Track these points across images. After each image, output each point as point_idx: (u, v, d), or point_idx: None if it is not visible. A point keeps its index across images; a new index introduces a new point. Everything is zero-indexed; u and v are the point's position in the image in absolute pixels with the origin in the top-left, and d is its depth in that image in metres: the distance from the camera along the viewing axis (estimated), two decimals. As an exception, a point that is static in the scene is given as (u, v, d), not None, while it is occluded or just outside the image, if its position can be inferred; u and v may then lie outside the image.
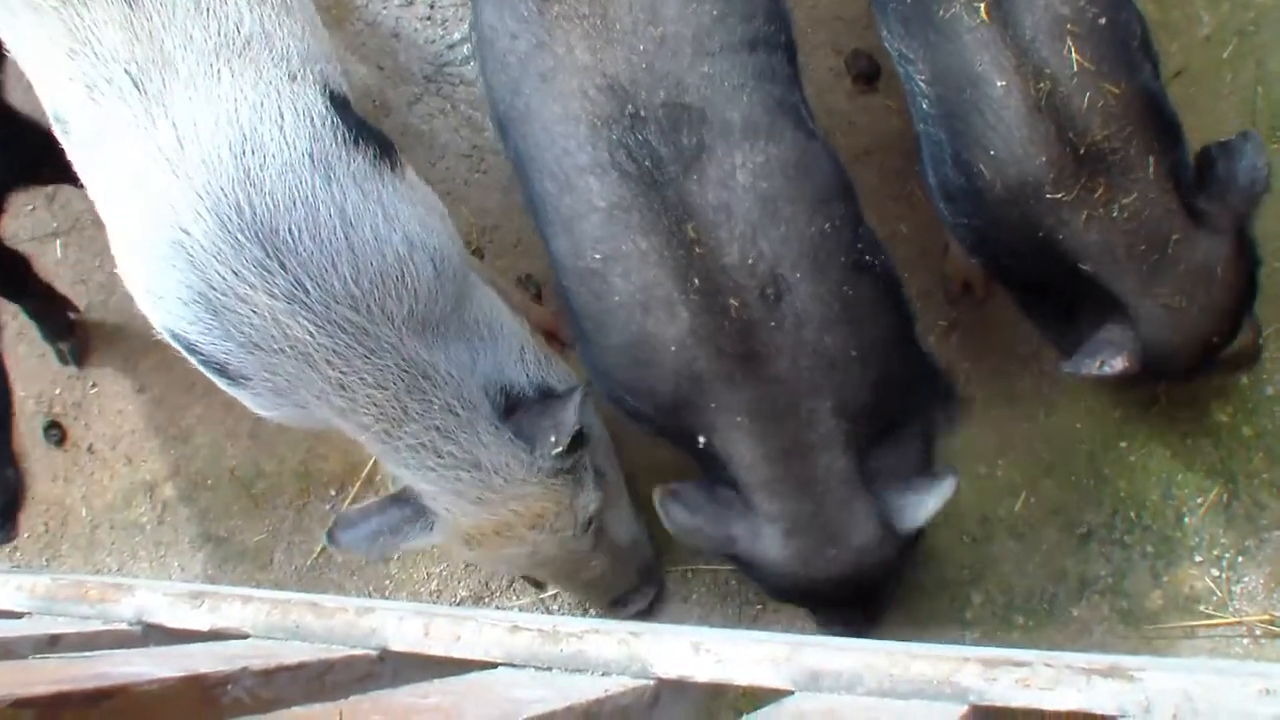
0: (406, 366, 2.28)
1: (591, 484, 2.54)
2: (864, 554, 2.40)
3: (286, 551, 3.37)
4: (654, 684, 1.93)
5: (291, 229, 2.18)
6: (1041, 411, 2.84)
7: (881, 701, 1.76)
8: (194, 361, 2.35)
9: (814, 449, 2.33)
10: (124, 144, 2.25)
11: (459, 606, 3.07)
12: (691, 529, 2.46)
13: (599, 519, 2.59)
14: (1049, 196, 2.23)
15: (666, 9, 2.24)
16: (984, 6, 2.21)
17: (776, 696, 1.81)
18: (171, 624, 2.41)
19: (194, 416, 3.55)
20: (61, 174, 2.65)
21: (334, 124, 2.30)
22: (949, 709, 1.71)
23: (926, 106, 2.36)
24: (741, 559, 2.48)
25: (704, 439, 2.36)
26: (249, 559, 3.41)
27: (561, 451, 2.42)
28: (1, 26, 2.42)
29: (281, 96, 2.28)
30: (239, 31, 2.31)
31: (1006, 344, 2.84)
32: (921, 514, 2.38)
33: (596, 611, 3.03)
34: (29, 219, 3.82)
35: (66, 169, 2.47)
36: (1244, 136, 2.29)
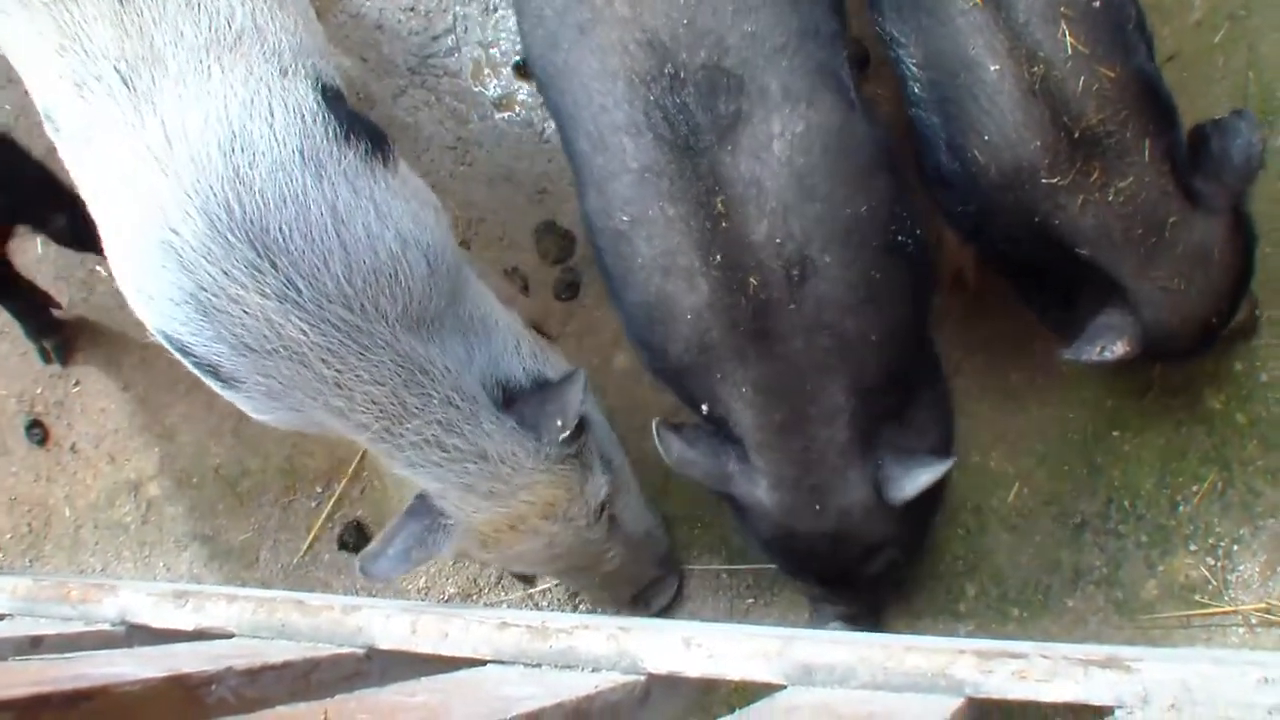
0: (403, 362, 2.26)
1: (599, 469, 2.54)
2: (849, 517, 2.40)
3: (272, 549, 3.35)
4: (645, 680, 1.92)
5: (282, 228, 2.16)
6: (1034, 402, 2.82)
7: (875, 695, 1.75)
8: (187, 364, 2.33)
9: (815, 424, 2.33)
10: (113, 142, 2.23)
11: (447, 604, 3.05)
12: (688, 461, 2.46)
13: (611, 507, 2.58)
14: (1044, 181, 2.22)
15: None
16: (977, -11, 2.20)
17: (769, 691, 1.80)
18: (155, 624, 2.41)
19: (178, 414, 3.53)
20: (79, 234, 2.64)
21: (325, 120, 2.27)
22: (944, 702, 1.70)
23: (919, 91, 2.35)
24: (734, 500, 2.49)
25: (707, 406, 2.39)
26: (235, 557, 3.39)
27: (568, 436, 2.41)
28: None
29: (272, 93, 2.25)
30: (230, 26, 2.28)
31: (999, 334, 2.82)
32: (911, 485, 2.36)
33: (588, 607, 3.01)
34: (9, 216, 3.77)
35: (84, 229, 2.47)
36: (1238, 114, 2.29)
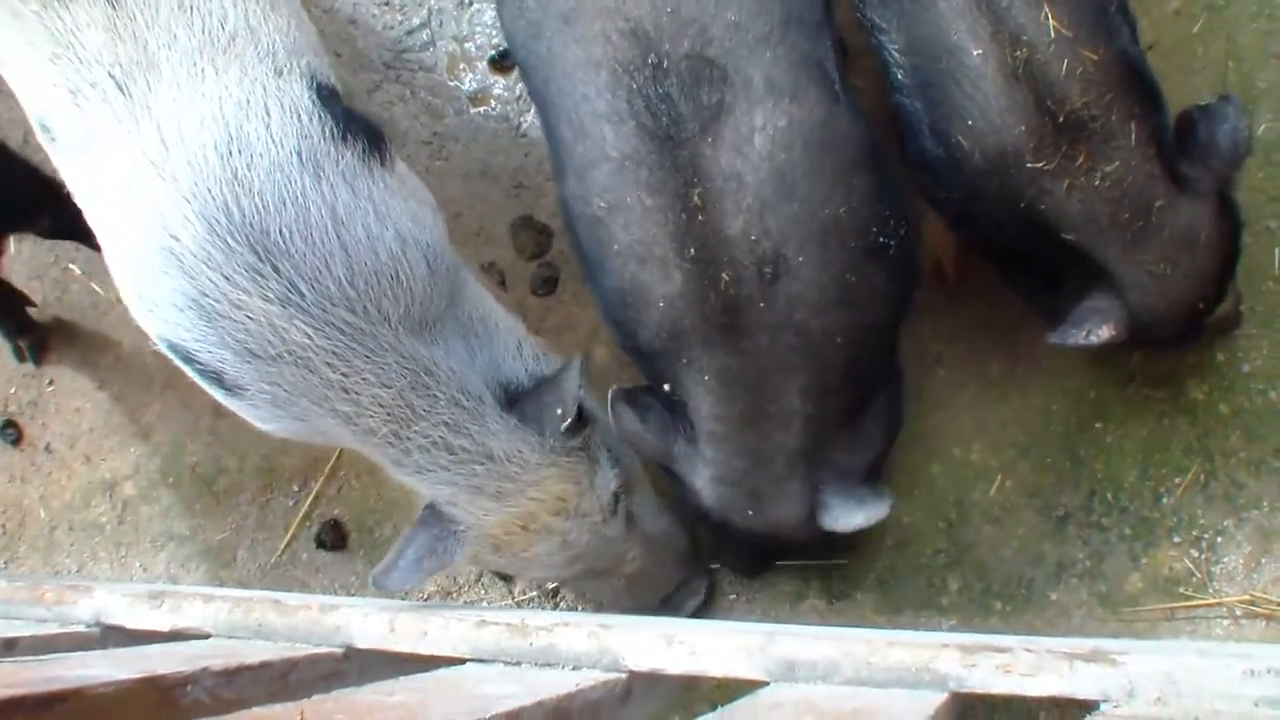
0: (408, 364, 2.25)
1: (607, 462, 2.52)
2: (779, 528, 2.49)
3: (250, 549, 3.32)
4: (626, 677, 1.92)
5: (282, 231, 2.14)
6: (1016, 393, 2.81)
7: (859, 690, 1.75)
8: (191, 373, 2.31)
9: (771, 422, 2.36)
10: (109, 149, 2.21)
11: (426, 602, 3.03)
12: (636, 433, 2.48)
13: (626, 503, 2.56)
14: (1029, 166, 2.21)
15: None
16: (959, -28, 2.19)
17: (752, 688, 1.80)
18: (131, 625, 2.40)
19: (154, 414, 3.50)
20: (64, 228, 2.61)
21: (322, 119, 2.26)
22: (928, 697, 1.70)
23: (901, 77, 2.34)
24: (674, 475, 2.54)
25: (669, 387, 2.42)
26: (212, 557, 3.36)
27: (571, 423, 2.39)
28: None
29: (268, 93, 2.24)
30: (223, 28, 2.27)
31: (979, 326, 2.81)
32: (846, 522, 2.44)
33: (567, 604, 2.99)
34: (-20, 215, 3.73)
35: (70, 223, 2.44)
36: (1225, 99, 2.28)
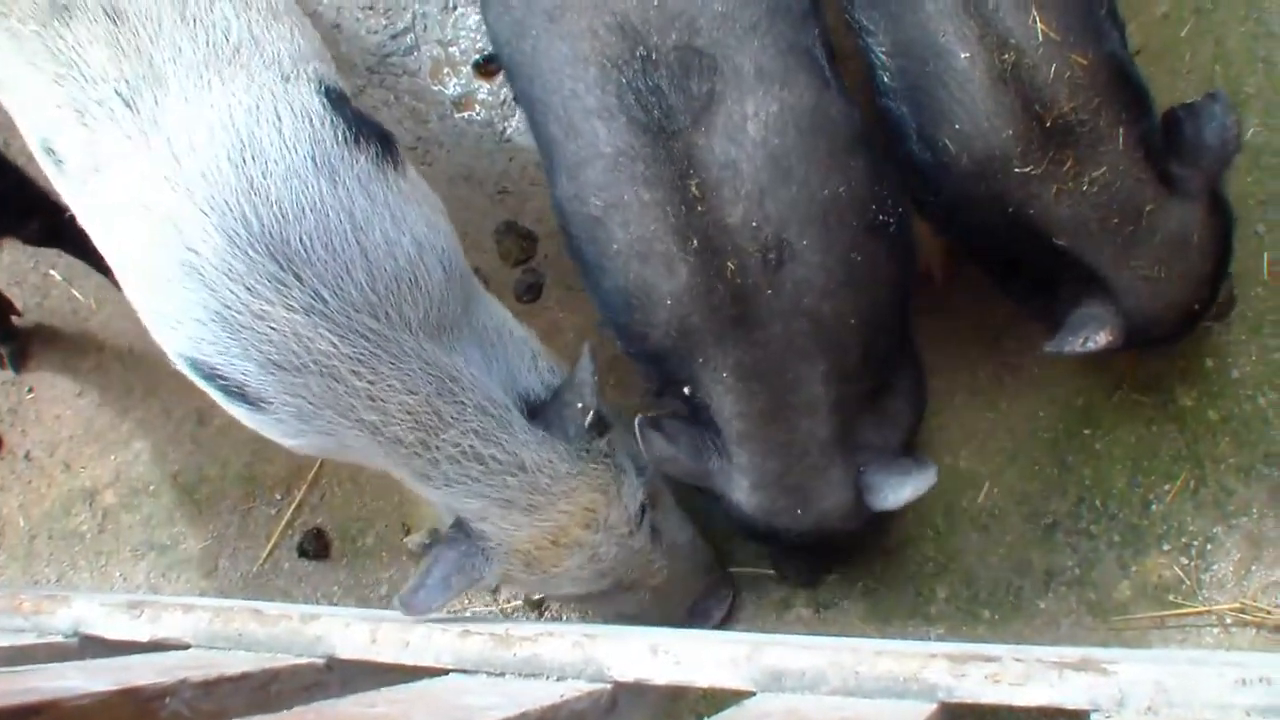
0: (432, 370, 2.23)
1: (632, 471, 2.50)
2: (829, 518, 2.43)
3: (232, 558, 3.30)
4: (611, 688, 1.92)
5: (303, 239, 2.13)
6: (1004, 400, 2.80)
7: (847, 701, 1.75)
8: (213, 391, 2.29)
9: (797, 412, 2.33)
10: (121, 167, 2.19)
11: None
12: (669, 458, 2.44)
13: (651, 515, 2.54)
14: (1017, 170, 2.21)
15: None
16: (947, -25, 2.18)
17: (738, 698, 1.79)
18: (110, 635, 2.39)
19: (134, 421, 3.47)
20: (52, 234, 2.59)
21: (334, 123, 2.25)
22: (917, 707, 1.69)
23: (888, 80, 2.34)
24: (714, 494, 2.49)
25: (689, 389, 2.38)
26: (193, 567, 3.33)
27: (593, 418, 2.38)
28: None
29: (276, 98, 2.23)
30: (227, 40, 2.26)
31: (967, 332, 2.81)
32: (895, 498, 2.39)
33: (552, 614, 2.97)
34: (-40, 221, 3.71)
35: (58, 229, 2.41)
36: (1211, 97, 2.28)
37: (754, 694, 1.80)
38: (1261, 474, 2.60)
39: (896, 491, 2.39)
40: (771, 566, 2.81)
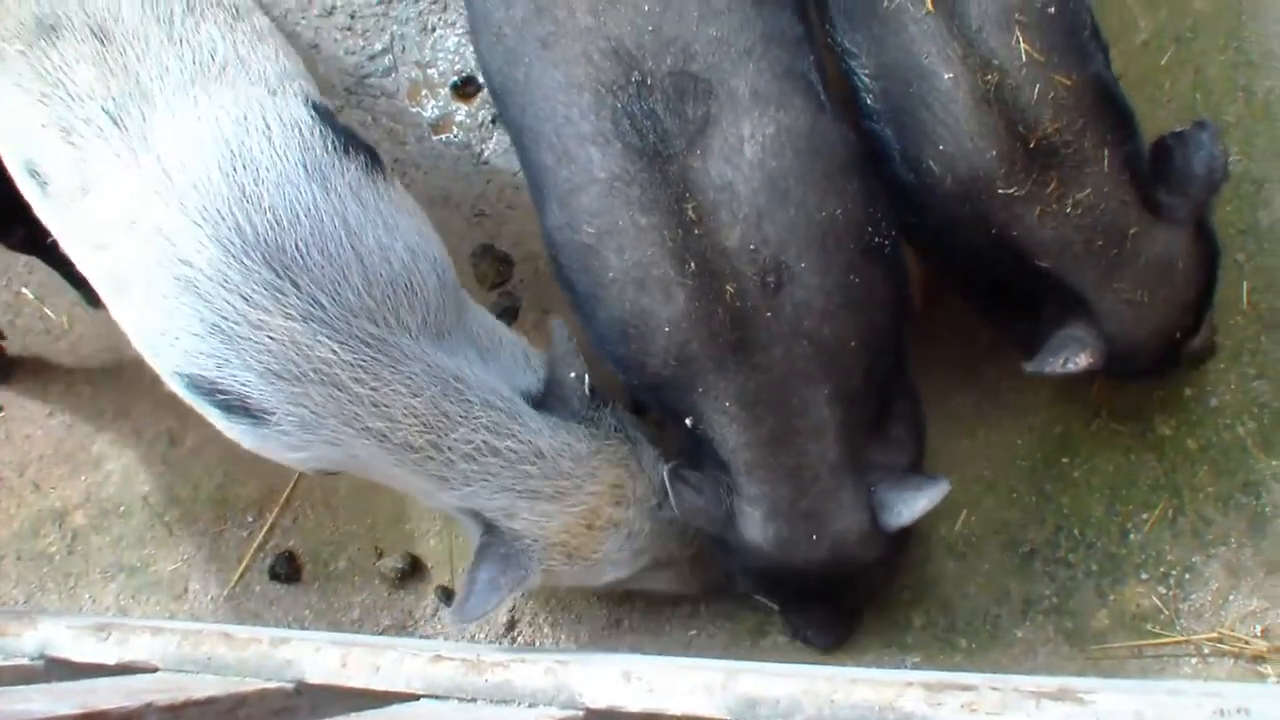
0: (435, 372, 2.24)
1: (645, 442, 2.51)
2: (844, 542, 2.38)
3: (203, 580, 3.26)
4: (583, 715, 1.91)
5: (298, 245, 2.13)
6: (981, 428, 2.80)
7: (821, 729, 1.73)
8: (214, 411, 2.27)
9: (804, 437, 2.31)
10: (111, 185, 2.19)
11: (381, 636, 2.98)
12: (697, 510, 2.40)
13: None
14: (1001, 192, 2.21)
15: None
16: (929, -4, 2.19)
17: None
18: (76, 658, 2.38)
19: (105, 442, 3.44)
20: (38, 242, 2.57)
21: (322, 132, 2.26)
22: (893, 736, 1.67)
23: (871, 102, 2.34)
24: (730, 541, 2.44)
25: (691, 420, 2.35)
26: (163, 589, 3.30)
27: (589, 388, 2.41)
28: None
29: (265, 109, 2.24)
30: (214, 59, 2.28)
31: (945, 359, 2.80)
32: (910, 512, 2.36)
33: (524, 640, 2.95)
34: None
35: (44, 236, 2.40)
36: (1200, 126, 2.29)
37: (728, 722, 1.79)
38: (1240, 503, 2.61)
39: (910, 505, 2.35)
40: (787, 629, 2.75)
